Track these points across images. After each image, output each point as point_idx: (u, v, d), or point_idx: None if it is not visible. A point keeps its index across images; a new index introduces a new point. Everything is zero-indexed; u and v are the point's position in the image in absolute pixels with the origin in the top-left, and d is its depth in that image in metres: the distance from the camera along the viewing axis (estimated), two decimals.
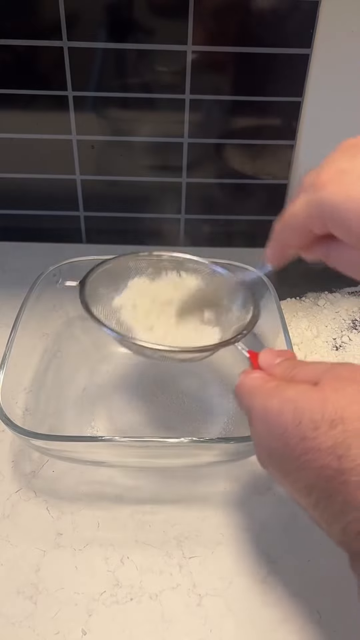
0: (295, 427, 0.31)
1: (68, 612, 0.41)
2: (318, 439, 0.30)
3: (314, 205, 0.34)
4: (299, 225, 0.36)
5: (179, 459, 0.49)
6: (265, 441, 0.34)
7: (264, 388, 0.35)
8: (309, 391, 0.32)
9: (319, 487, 0.30)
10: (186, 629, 0.40)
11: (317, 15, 0.62)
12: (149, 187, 0.75)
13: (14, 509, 0.47)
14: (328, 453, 0.30)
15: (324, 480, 0.30)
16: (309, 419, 0.31)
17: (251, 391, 0.35)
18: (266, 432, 0.33)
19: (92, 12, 0.62)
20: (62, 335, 0.60)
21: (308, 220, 0.35)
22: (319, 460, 0.30)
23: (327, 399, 0.31)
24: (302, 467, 0.31)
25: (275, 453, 0.33)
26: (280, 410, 0.32)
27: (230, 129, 0.72)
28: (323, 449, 0.30)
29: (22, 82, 0.67)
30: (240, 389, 0.37)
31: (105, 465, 0.50)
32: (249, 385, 0.36)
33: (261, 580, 0.43)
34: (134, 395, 0.56)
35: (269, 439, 0.33)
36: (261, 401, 0.34)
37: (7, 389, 0.46)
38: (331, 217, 0.33)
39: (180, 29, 0.63)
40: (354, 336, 0.64)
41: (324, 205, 0.33)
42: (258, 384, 0.35)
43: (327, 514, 0.31)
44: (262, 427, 0.34)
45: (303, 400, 0.31)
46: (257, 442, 0.35)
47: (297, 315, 0.66)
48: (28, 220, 0.78)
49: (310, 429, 0.30)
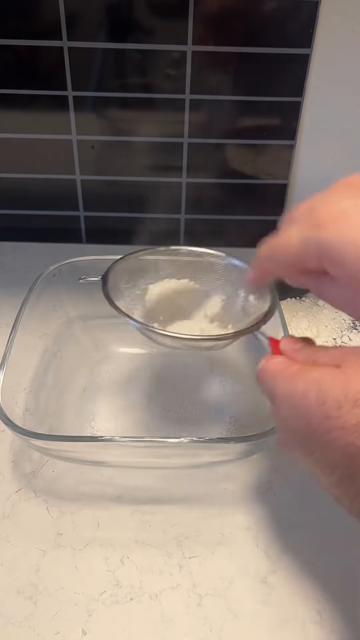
0: (319, 406, 0.32)
1: (68, 612, 0.41)
2: (342, 417, 0.31)
3: (312, 243, 0.34)
4: (291, 258, 0.36)
5: (179, 459, 0.49)
6: (289, 422, 0.34)
7: (287, 372, 0.35)
8: (332, 373, 0.33)
9: (342, 465, 0.31)
10: (186, 629, 0.40)
11: (317, 15, 0.62)
12: (149, 187, 0.75)
13: (14, 509, 0.47)
14: (352, 431, 0.30)
15: (348, 457, 0.31)
16: (333, 398, 0.31)
17: (274, 375, 0.36)
18: (290, 414, 0.34)
19: (92, 12, 0.62)
20: (62, 335, 0.60)
21: (302, 256, 0.35)
22: (343, 439, 0.31)
23: (350, 379, 0.31)
24: (326, 446, 0.32)
25: (299, 433, 0.34)
26: (305, 392, 0.33)
27: (230, 129, 0.72)
28: (347, 427, 0.31)
29: (22, 82, 0.67)
30: (262, 374, 0.37)
31: (105, 465, 0.50)
32: (271, 370, 0.36)
33: (261, 580, 0.43)
34: (134, 395, 0.56)
35: (293, 419, 0.34)
36: (285, 384, 0.34)
37: (7, 389, 0.46)
38: (329, 257, 0.33)
39: (180, 29, 0.63)
40: (354, 336, 0.64)
41: (323, 245, 0.33)
42: (281, 368, 0.36)
43: (351, 491, 0.32)
44: (286, 409, 0.34)
45: (327, 381, 0.32)
46: (281, 424, 0.35)
47: (297, 315, 0.66)
48: (28, 220, 0.78)
49: (334, 408, 0.31)
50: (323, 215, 0.34)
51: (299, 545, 0.45)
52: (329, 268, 0.34)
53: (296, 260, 0.36)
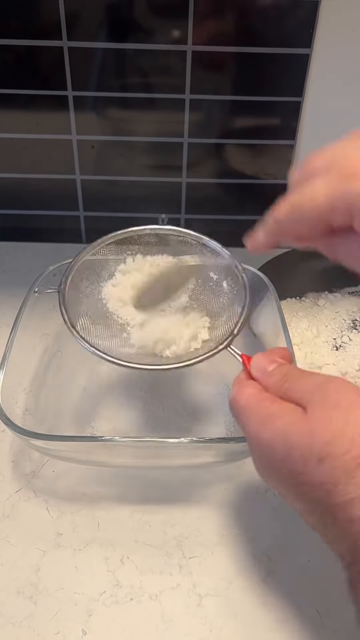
0: (285, 461, 0.32)
1: (68, 612, 0.41)
2: (307, 474, 0.31)
3: (340, 197, 0.32)
4: (318, 214, 0.33)
5: (179, 459, 0.49)
6: (261, 466, 0.35)
7: (256, 415, 0.34)
8: (297, 423, 0.32)
9: (316, 515, 0.32)
10: (186, 629, 0.40)
11: (317, 15, 0.62)
12: (149, 187, 0.75)
13: (14, 509, 0.47)
14: (318, 488, 0.30)
15: (319, 511, 0.31)
16: (298, 454, 0.31)
17: (244, 412, 0.35)
18: (260, 460, 0.34)
19: (92, 12, 0.62)
20: (62, 335, 0.60)
21: (331, 210, 0.32)
22: (311, 493, 0.31)
23: (314, 432, 0.31)
24: (298, 495, 0.32)
25: (272, 479, 0.34)
26: (272, 444, 0.32)
27: (230, 129, 0.72)
28: (314, 483, 0.30)
29: (22, 82, 0.67)
30: (233, 405, 0.37)
31: (105, 465, 0.50)
32: (242, 404, 0.36)
33: (261, 580, 0.43)
34: (133, 395, 0.56)
35: (264, 466, 0.34)
36: (254, 431, 0.34)
37: (7, 389, 0.46)
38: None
39: (180, 29, 0.63)
40: (354, 336, 0.64)
41: (355, 196, 0.31)
42: (250, 405, 0.35)
43: (328, 538, 0.32)
44: (256, 454, 0.35)
45: (291, 433, 0.32)
46: (254, 462, 0.36)
47: (297, 315, 0.66)
48: (28, 220, 0.78)
49: (300, 464, 0.31)
50: (354, 166, 0.32)
51: (298, 545, 0.45)
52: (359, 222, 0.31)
53: (324, 216, 0.33)
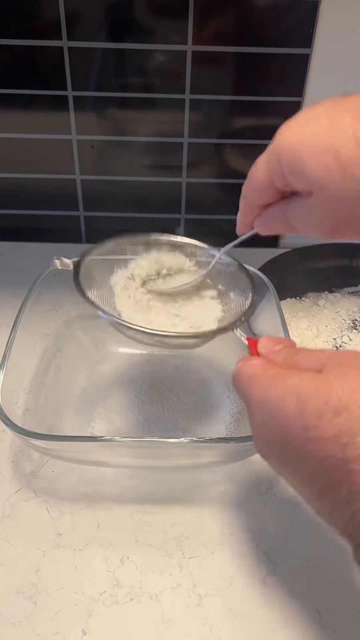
0: (297, 415, 0.30)
1: (68, 612, 0.41)
2: (321, 427, 0.29)
3: (272, 155, 0.35)
4: (262, 180, 0.37)
5: (179, 459, 0.49)
6: (265, 431, 0.32)
7: (264, 376, 0.33)
8: (312, 379, 0.31)
9: (322, 477, 0.30)
10: (186, 629, 0.40)
11: (317, 15, 0.62)
12: (149, 187, 0.75)
13: (14, 509, 0.47)
14: (332, 442, 0.29)
15: (328, 470, 0.29)
16: (312, 407, 0.29)
17: (250, 379, 0.34)
18: (266, 422, 0.32)
19: (92, 12, 0.62)
20: (62, 335, 0.60)
21: (268, 173, 0.36)
22: (322, 450, 0.29)
23: (331, 386, 0.30)
24: (304, 457, 0.30)
25: (276, 443, 0.32)
26: (282, 399, 0.31)
27: (230, 129, 0.72)
28: (326, 437, 0.29)
29: (22, 82, 0.67)
30: (238, 377, 0.35)
31: (105, 465, 0.50)
32: (247, 373, 0.34)
33: (261, 580, 0.43)
34: (134, 395, 0.56)
35: (269, 429, 0.32)
36: (261, 390, 0.33)
37: (7, 389, 0.46)
38: (288, 162, 0.34)
39: (180, 29, 0.63)
40: (354, 336, 0.64)
41: (280, 151, 0.35)
42: (257, 372, 0.34)
43: (331, 505, 0.30)
44: (262, 417, 0.32)
45: (306, 388, 0.30)
46: (256, 432, 0.33)
47: (297, 315, 0.66)
48: (28, 220, 0.78)
49: (313, 417, 0.29)
50: (280, 129, 0.35)
51: (298, 545, 0.45)
52: (291, 177, 0.34)
53: (266, 181, 0.36)
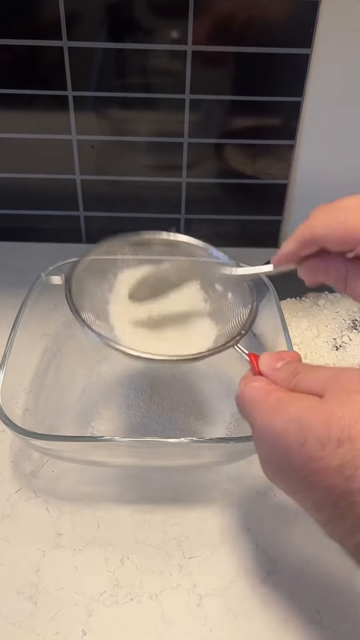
0: (300, 447, 0.30)
1: (68, 612, 0.41)
2: (325, 459, 0.29)
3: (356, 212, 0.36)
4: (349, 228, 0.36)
5: (179, 459, 0.49)
6: (269, 460, 0.33)
7: (266, 402, 0.33)
8: (314, 407, 0.30)
9: (328, 506, 0.30)
10: (186, 629, 0.40)
11: (317, 15, 0.62)
12: (149, 187, 0.75)
13: (14, 509, 0.47)
14: (335, 472, 0.29)
15: (333, 500, 0.29)
16: (314, 438, 0.29)
17: (252, 404, 0.34)
18: (270, 452, 0.32)
19: (92, 12, 0.62)
20: (62, 335, 0.60)
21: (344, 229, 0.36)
22: (327, 481, 0.29)
23: (333, 415, 0.29)
24: (310, 488, 0.30)
25: (282, 472, 0.32)
26: (284, 431, 0.31)
27: (230, 129, 0.72)
28: (330, 468, 0.29)
29: (23, 82, 0.67)
30: (241, 400, 0.35)
31: (105, 465, 0.50)
32: (249, 397, 0.34)
33: (261, 580, 0.43)
34: (133, 395, 0.56)
35: (273, 458, 0.32)
36: (263, 419, 0.32)
37: (7, 389, 0.46)
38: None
39: (180, 29, 0.63)
40: (354, 336, 0.64)
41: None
42: (259, 396, 0.34)
43: (339, 532, 0.30)
44: (265, 446, 0.33)
45: (307, 419, 0.30)
46: (262, 458, 0.34)
47: (297, 315, 0.66)
48: (28, 220, 0.78)
49: (316, 449, 0.29)
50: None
51: (298, 545, 0.45)
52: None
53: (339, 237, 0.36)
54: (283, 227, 0.79)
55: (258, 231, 0.79)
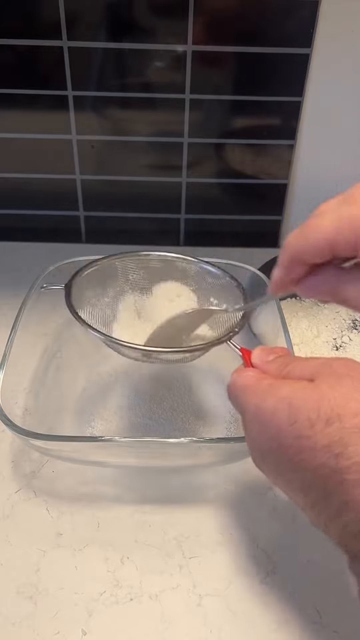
0: (290, 426, 0.30)
1: (68, 612, 0.41)
2: (314, 437, 0.29)
3: (347, 220, 0.31)
4: (323, 239, 0.32)
5: (179, 459, 0.49)
6: (259, 442, 0.33)
7: (257, 387, 0.34)
8: (304, 388, 0.31)
9: (315, 487, 0.30)
10: (186, 629, 0.40)
11: (317, 15, 0.62)
12: (149, 187, 0.75)
13: (14, 509, 0.47)
14: (325, 452, 0.29)
15: (321, 479, 0.29)
16: (304, 417, 0.30)
17: (244, 390, 0.34)
18: (260, 433, 0.33)
19: (92, 12, 0.62)
20: (62, 335, 0.60)
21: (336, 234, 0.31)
22: (315, 460, 0.29)
23: (323, 395, 0.30)
24: (298, 467, 0.30)
25: (270, 453, 0.32)
26: (275, 410, 0.31)
27: (230, 129, 0.72)
28: (319, 447, 0.29)
29: (22, 82, 0.67)
30: (232, 388, 0.36)
31: (105, 465, 0.50)
32: (241, 384, 0.35)
33: (261, 580, 0.43)
34: (133, 395, 0.56)
35: (263, 439, 0.32)
36: (254, 401, 0.33)
37: (7, 389, 0.46)
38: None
39: (180, 29, 0.63)
40: (354, 336, 0.64)
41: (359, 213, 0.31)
42: (251, 383, 0.34)
43: (325, 514, 0.30)
44: (256, 428, 0.33)
45: (298, 398, 0.31)
46: (251, 442, 0.34)
47: (297, 315, 0.66)
48: (28, 220, 0.78)
49: (305, 427, 0.30)
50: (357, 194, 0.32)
51: (298, 545, 0.45)
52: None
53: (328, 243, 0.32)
54: (283, 227, 0.79)
55: (258, 231, 0.79)
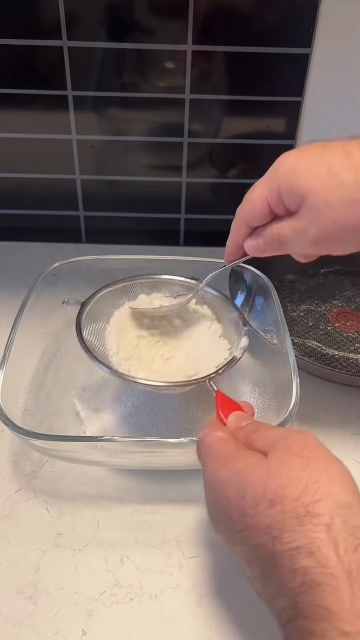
0: (238, 500, 0.31)
1: (68, 612, 0.41)
2: (256, 516, 0.30)
3: (270, 174, 0.39)
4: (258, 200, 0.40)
5: (179, 459, 0.49)
6: (213, 509, 0.34)
7: (220, 453, 0.35)
8: (256, 464, 0.32)
9: (257, 564, 0.30)
10: (186, 629, 0.40)
11: (317, 15, 0.62)
12: (149, 187, 0.75)
13: (14, 509, 0.47)
14: (264, 533, 0.29)
15: (261, 559, 0.30)
16: (251, 494, 0.30)
17: (207, 451, 0.36)
18: (213, 501, 0.34)
19: (92, 12, 0.62)
20: (62, 335, 0.60)
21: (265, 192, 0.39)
22: (256, 538, 0.30)
23: (271, 474, 0.31)
24: (243, 542, 0.31)
25: (221, 523, 0.33)
26: (227, 482, 0.32)
27: (230, 129, 0.72)
28: (260, 527, 0.30)
29: (22, 82, 0.67)
30: (199, 444, 0.37)
31: (105, 465, 0.50)
32: (207, 444, 0.36)
33: None
34: (133, 395, 0.56)
35: (216, 507, 0.33)
36: (213, 467, 0.34)
37: (7, 389, 0.46)
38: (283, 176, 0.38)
39: (180, 29, 0.63)
40: None
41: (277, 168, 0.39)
42: (216, 447, 0.35)
43: (265, 592, 0.31)
44: (210, 495, 0.34)
45: (249, 474, 0.31)
46: (207, 507, 0.35)
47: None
48: (28, 220, 0.78)
49: (251, 505, 0.30)
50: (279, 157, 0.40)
51: None
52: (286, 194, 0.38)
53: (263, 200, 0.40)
54: None
55: None
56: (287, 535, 0.28)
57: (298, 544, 0.28)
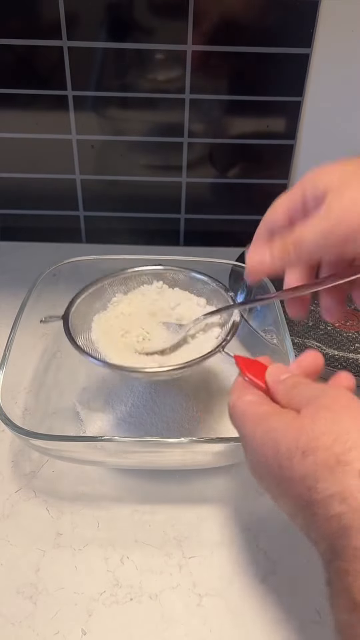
0: (274, 455, 0.32)
1: (68, 612, 0.41)
2: (292, 468, 0.31)
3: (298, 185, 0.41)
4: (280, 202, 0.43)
5: (179, 458, 0.49)
6: (254, 466, 0.35)
7: (254, 414, 0.35)
8: (290, 420, 0.33)
9: (297, 514, 0.32)
10: (186, 629, 0.40)
11: (317, 15, 0.62)
12: (149, 187, 0.75)
13: (14, 509, 0.47)
14: (300, 483, 0.30)
15: (300, 509, 0.31)
16: (285, 448, 0.31)
17: (243, 416, 0.36)
18: (254, 460, 0.34)
19: (92, 12, 0.62)
20: (62, 335, 0.59)
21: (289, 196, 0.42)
22: (294, 489, 0.31)
23: (303, 428, 0.31)
24: (283, 494, 0.32)
25: (262, 479, 0.34)
26: (263, 440, 0.33)
27: (230, 129, 0.72)
28: (296, 479, 0.31)
29: (22, 82, 0.67)
30: (232, 412, 0.37)
31: (105, 465, 0.50)
32: (240, 410, 0.36)
33: (261, 580, 0.43)
34: (134, 395, 0.56)
35: (257, 465, 0.34)
36: (250, 429, 0.35)
37: (7, 389, 0.46)
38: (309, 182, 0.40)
39: (180, 29, 0.63)
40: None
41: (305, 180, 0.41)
42: (249, 409, 0.36)
43: (312, 537, 0.32)
44: (251, 455, 0.35)
45: (282, 430, 0.32)
46: (250, 466, 0.36)
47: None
48: (28, 220, 0.78)
49: (285, 458, 0.31)
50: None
51: (298, 545, 0.45)
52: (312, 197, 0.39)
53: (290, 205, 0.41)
54: None
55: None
56: (321, 485, 0.30)
57: (332, 492, 0.29)
